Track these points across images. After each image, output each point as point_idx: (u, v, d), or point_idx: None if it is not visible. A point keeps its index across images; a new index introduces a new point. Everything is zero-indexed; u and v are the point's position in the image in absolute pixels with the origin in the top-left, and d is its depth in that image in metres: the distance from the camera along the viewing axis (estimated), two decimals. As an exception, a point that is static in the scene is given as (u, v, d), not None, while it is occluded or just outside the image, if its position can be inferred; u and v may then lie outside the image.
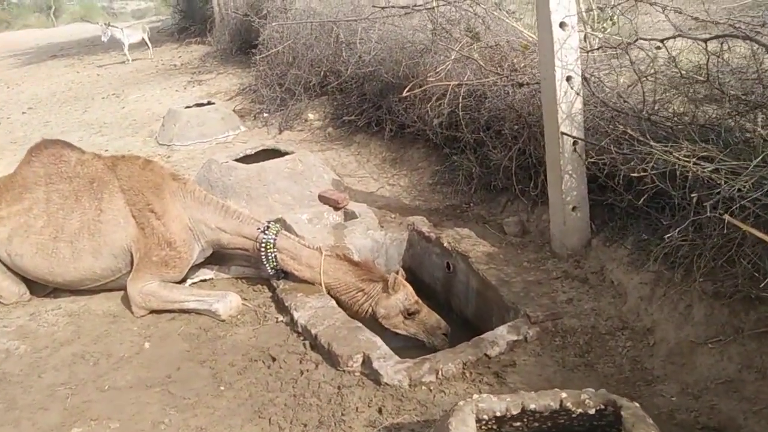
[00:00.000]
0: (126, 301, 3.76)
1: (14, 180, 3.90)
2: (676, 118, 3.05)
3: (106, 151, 7.01)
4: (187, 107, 7.71)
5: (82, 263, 3.72)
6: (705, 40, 2.63)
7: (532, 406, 2.08)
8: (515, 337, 2.94)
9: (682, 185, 2.66)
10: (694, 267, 2.64)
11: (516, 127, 4.19)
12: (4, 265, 3.86)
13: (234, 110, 8.16)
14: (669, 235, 2.53)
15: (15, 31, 40.01)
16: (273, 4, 9.20)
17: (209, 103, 7.83)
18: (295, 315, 3.35)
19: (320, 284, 3.54)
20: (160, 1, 30.77)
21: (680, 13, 2.79)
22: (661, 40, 2.83)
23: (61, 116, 10.13)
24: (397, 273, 3.49)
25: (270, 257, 3.63)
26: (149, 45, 16.35)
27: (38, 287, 3.97)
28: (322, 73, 7.35)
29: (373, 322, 3.42)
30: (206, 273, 4.02)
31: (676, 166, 2.61)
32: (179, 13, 21.15)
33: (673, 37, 2.75)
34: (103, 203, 3.74)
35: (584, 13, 3.66)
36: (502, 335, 2.96)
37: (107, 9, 47.93)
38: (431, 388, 2.72)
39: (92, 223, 3.71)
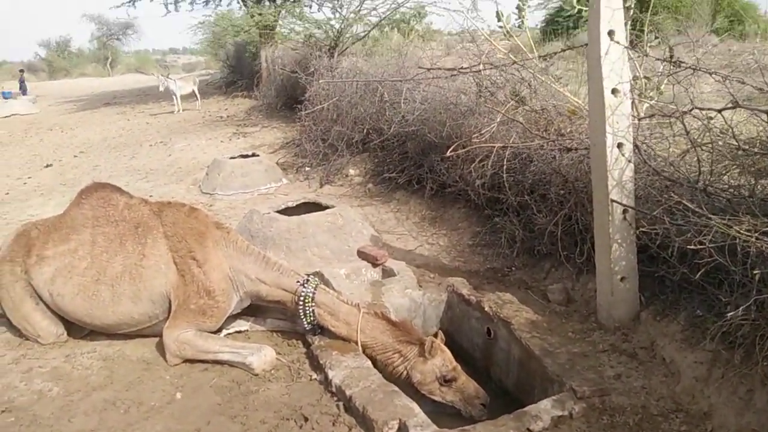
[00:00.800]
0: (161, 348, 3.73)
1: (63, 221, 3.98)
2: (733, 191, 2.95)
3: (151, 196, 7.16)
4: (232, 158, 7.88)
5: (120, 307, 3.73)
6: (767, 112, 2.56)
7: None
8: (560, 413, 2.79)
9: (743, 261, 2.54)
10: (756, 349, 2.48)
11: (562, 191, 4.12)
12: (45, 304, 3.89)
13: (277, 163, 8.30)
14: (731, 313, 2.39)
15: (73, 79, 42.20)
16: (320, 62, 9.49)
17: (254, 155, 7.99)
18: (330, 374, 3.26)
19: (357, 342, 3.46)
20: (210, 56, 32.10)
21: (743, 83, 2.73)
22: (719, 110, 2.77)
23: (110, 161, 10.46)
24: (435, 336, 3.39)
25: (308, 311, 3.58)
26: (198, 96, 16.99)
27: (75, 328, 3.98)
28: (365, 130, 7.46)
29: (408, 386, 3.31)
30: (242, 324, 3.98)
31: (737, 241, 2.49)
32: (228, 67, 22.05)
33: (732, 108, 2.69)
34: (147, 248, 3.77)
35: (632, 81, 3.62)
36: (545, 409, 2.81)
37: (160, 62, 50.20)
38: (470, 461, 2.59)
39: (134, 268, 3.73)
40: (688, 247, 2.66)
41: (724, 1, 19.00)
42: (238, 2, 16.54)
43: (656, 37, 3.69)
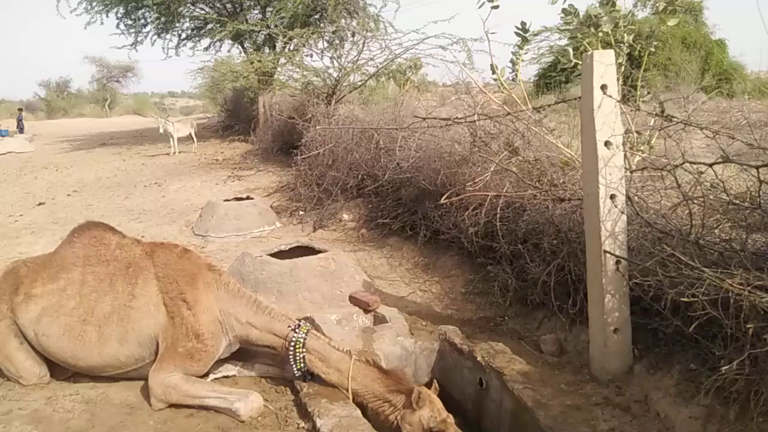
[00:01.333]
0: (145, 391, 3.64)
1: (53, 259, 3.94)
2: (725, 244, 2.97)
3: (143, 237, 7.13)
4: (226, 200, 7.90)
5: (107, 349, 3.66)
6: (757, 167, 2.61)
7: None
8: (553, 467, 2.73)
9: (736, 314, 2.54)
10: (750, 404, 2.46)
11: (555, 241, 4.14)
12: (30, 344, 3.81)
13: (271, 206, 8.32)
14: (725, 367, 2.37)
15: (70, 119, 42.52)
16: (317, 109, 9.63)
17: (248, 198, 8.01)
18: (318, 422, 3.19)
19: (347, 390, 3.40)
20: (208, 100, 32.57)
21: (732, 138, 2.79)
22: (710, 164, 2.81)
23: (103, 201, 10.45)
24: (429, 386, 3.34)
25: (298, 357, 3.52)
26: (194, 139, 17.15)
27: (59, 370, 3.89)
28: (359, 176, 7.52)
29: (398, 437, 3.24)
30: (229, 369, 3.91)
31: (730, 294, 2.50)
32: (225, 111, 22.34)
33: (723, 162, 2.73)
34: (137, 289, 3.72)
35: (624, 135, 3.69)
36: (538, 463, 2.75)
37: (159, 104, 50.82)
38: None
39: (123, 308, 3.68)
40: (681, 299, 2.66)
41: (713, 60, 19.59)
42: (238, 48, 16.90)
43: (648, 93, 3.77)
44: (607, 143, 3.30)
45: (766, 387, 2.40)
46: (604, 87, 3.32)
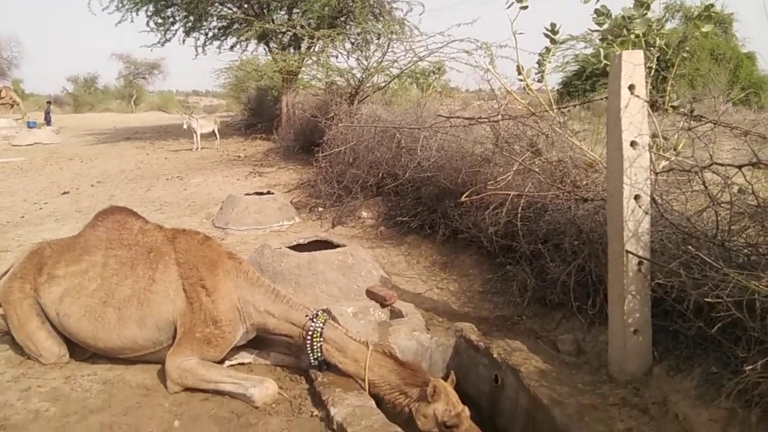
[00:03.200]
0: (162, 375, 3.68)
1: (77, 241, 4.00)
2: (752, 249, 2.92)
3: (164, 227, 7.21)
4: (247, 194, 7.94)
5: (125, 331, 3.70)
6: (787, 169, 2.56)
7: None
8: (568, 464, 2.70)
9: (762, 317, 2.49)
10: (773, 408, 2.41)
11: (576, 242, 4.10)
12: (51, 324, 3.87)
13: (291, 202, 8.36)
14: (749, 368, 2.33)
15: (96, 114, 43.17)
16: (340, 108, 9.66)
17: (268, 193, 8.06)
18: (332, 411, 3.19)
19: (364, 380, 3.39)
20: (232, 99, 32.81)
21: (764, 138, 2.74)
22: (739, 167, 2.77)
23: (126, 192, 10.59)
24: (446, 378, 3.32)
25: (315, 347, 3.53)
26: (217, 136, 17.31)
27: (78, 350, 3.94)
28: (380, 174, 7.53)
29: (414, 427, 3.23)
30: (245, 356, 3.93)
31: (756, 296, 2.45)
32: (249, 110, 22.51)
33: (753, 164, 2.69)
34: (157, 273, 3.76)
35: (651, 139, 3.64)
36: (553, 460, 2.72)
37: (183, 102, 51.38)
38: None
39: (143, 292, 3.72)
40: (705, 299, 2.62)
41: (742, 72, 19.31)
42: (264, 48, 17.03)
43: (677, 98, 3.72)
44: (633, 143, 3.27)
45: (790, 391, 2.35)
46: (632, 87, 3.29)
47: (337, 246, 5.45)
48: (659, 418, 3.01)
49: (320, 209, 7.96)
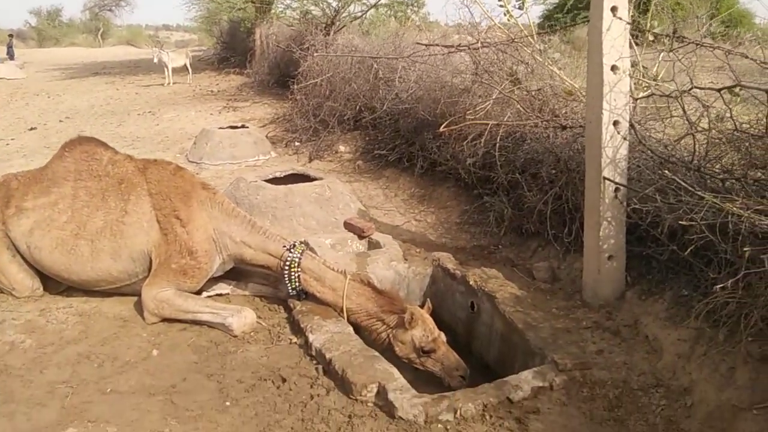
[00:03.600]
0: (138, 306, 3.66)
1: (44, 173, 3.88)
2: (727, 174, 2.93)
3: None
4: (221, 128, 7.77)
5: (99, 263, 3.65)
6: (767, 91, 2.53)
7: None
8: (540, 383, 2.77)
9: (733, 239, 2.52)
10: (740, 327, 2.47)
11: (554, 171, 4.09)
12: (23, 257, 3.80)
13: (266, 136, 8.20)
14: (719, 286, 2.37)
15: (62, 48, 41.45)
16: (316, 38, 9.36)
17: (243, 127, 7.88)
18: (310, 337, 3.22)
19: (342, 309, 3.42)
20: (204, 33, 31.63)
21: (745, 57, 2.70)
22: (719, 89, 2.74)
23: (96, 127, 10.28)
24: (423, 305, 3.36)
25: (293, 277, 3.52)
26: (189, 70, 16.78)
27: (52, 284, 3.89)
28: (357, 107, 7.39)
29: (391, 353, 3.28)
30: (223, 288, 3.92)
31: (728, 218, 2.48)
32: (221, 44, 21.75)
33: (734, 87, 2.66)
34: (129, 205, 3.68)
35: (632, 62, 3.58)
36: (526, 380, 2.79)
37: (153, 37, 49.48)
38: (448, 427, 2.56)
39: (115, 224, 3.65)
40: (680, 222, 2.64)
41: (723, 6, 19.08)
42: (236, -22, 16.31)
43: (658, 25, 3.64)
44: (614, 68, 3.21)
45: (758, 309, 2.41)
46: (614, 9, 3.20)
47: (315, 179, 5.38)
48: (630, 340, 3.09)
49: (297, 143, 7.83)
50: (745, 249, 2.37)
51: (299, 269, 3.54)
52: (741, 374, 2.49)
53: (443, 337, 3.28)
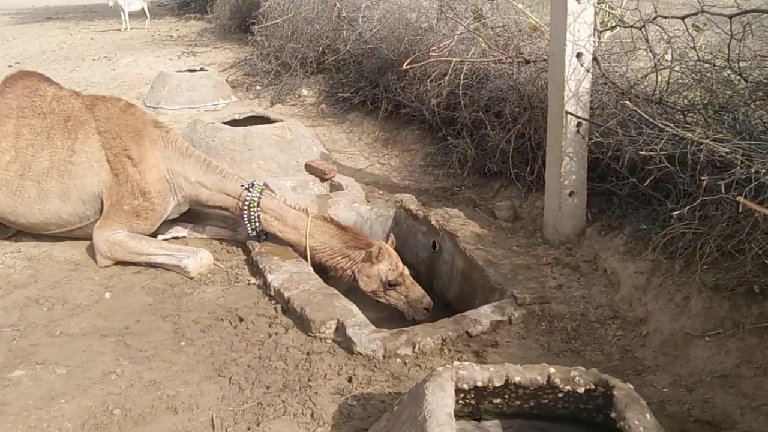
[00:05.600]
0: (90, 250, 3.54)
1: (-17, 111, 3.66)
2: (688, 103, 2.90)
3: (90, 106, 6.74)
4: (179, 71, 7.47)
5: (48, 205, 3.50)
6: (730, 17, 2.48)
7: (517, 379, 1.91)
8: (499, 318, 2.77)
9: (692, 169, 2.51)
10: (695, 257, 2.49)
11: (517, 108, 4.03)
12: (-36, 200, 3.61)
13: (226, 80, 7.92)
14: (677, 213, 2.36)
15: (12, -8, 39.21)
16: (277, -22, 8.96)
17: (201, 70, 7.59)
18: (269, 278, 3.16)
19: (306, 247, 3.35)
20: (163, -23, 30.25)
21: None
22: (683, 17, 2.68)
23: (48, 72, 9.63)
24: (387, 240, 3.32)
25: (253, 217, 3.43)
26: (148, 15, 16.06)
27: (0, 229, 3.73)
28: (320, 48, 7.15)
29: (356, 288, 3.26)
30: (179, 231, 3.81)
31: (687, 149, 2.46)
32: (181, -13, 20.81)
33: (696, 14, 2.60)
34: (77, 144, 3.51)
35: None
36: (485, 314, 2.79)
37: (109, -19, 47.13)
38: (406, 361, 2.55)
39: (63, 164, 3.49)
40: (640, 153, 2.61)
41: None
42: None
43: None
44: (578, -3, 3.12)
45: (713, 239, 2.42)
46: (579, -65, 3.09)
47: (275, 122, 5.23)
48: (589, 275, 3.11)
49: (258, 87, 7.58)
50: (702, 178, 2.35)
51: (259, 209, 3.45)
52: (695, 303, 2.53)
53: (407, 271, 3.26)
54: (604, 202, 3.38)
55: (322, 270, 3.39)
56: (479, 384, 1.90)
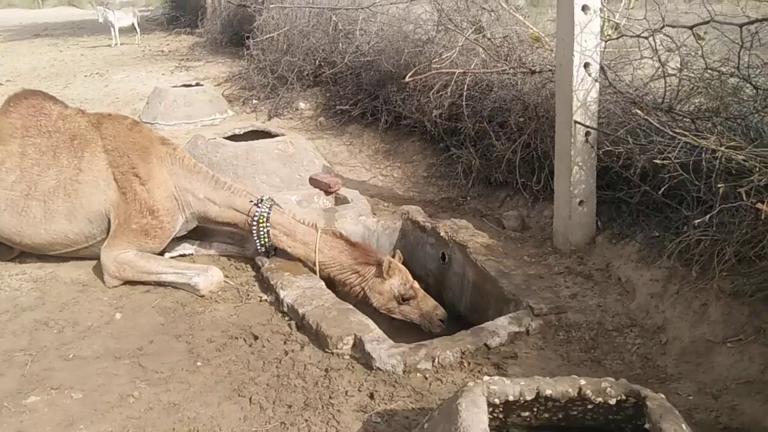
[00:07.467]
0: (98, 270, 3.50)
1: (-13, 131, 3.62)
2: (698, 111, 2.92)
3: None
4: (175, 87, 7.45)
5: (54, 225, 3.46)
6: (741, 25, 2.51)
7: (548, 392, 1.90)
8: (517, 329, 2.77)
9: (706, 177, 2.52)
10: (713, 263, 2.49)
11: (522, 119, 4.04)
12: (-31, 222, 3.57)
13: (222, 95, 7.91)
14: (697, 221, 2.37)
15: (-2, 10, 39.09)
16: (271, -9, 8.98)
17: (197, 84, 7.58)
18: (281, 294, 3.13)
19: (315, 262, 3.33)
20: (151, -8, 30.27)
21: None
22: (691, 27, 2.70)
23: (41, 90, 9.75)
24: (393, 256, 3.31)
25: (262, 232, 3.40)
26: (138, 30, 16.05)
27: (3, 250, 3.68)
28: (317, 61, 7.17)
29: (367, 305, 3.24)
30: (187, 248, 3.77)
31: (702, 156, 2.47)
32: (170, 3, 20.83)
33: (705, 23, 2.62)
34: (83, 162, 3.48)
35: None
36: (503, 326, 2.78)
37: (96, -2, 47.12)
38: (427, 375, 2.53)
39: (69, 183, 3.45)
40: (654, 161, 2.62)
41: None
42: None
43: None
44: (584, 8, 3.14)
45: (731, 245, 2.43)
46: (583, -53, 3.11)
47: (276, 136, 5.22)
48: (602, 283, 3.11)
49: (255, 101, 7.58)
50: (719, 185, 2.36)
51: (268, 224, 3.42)
52: (714, 310, 2.53)
53: (417, 285, 3.25)
54: (614, 210, 3.39)
55: (330, 285, 3.37)
56: (510, 398, 1.89)
